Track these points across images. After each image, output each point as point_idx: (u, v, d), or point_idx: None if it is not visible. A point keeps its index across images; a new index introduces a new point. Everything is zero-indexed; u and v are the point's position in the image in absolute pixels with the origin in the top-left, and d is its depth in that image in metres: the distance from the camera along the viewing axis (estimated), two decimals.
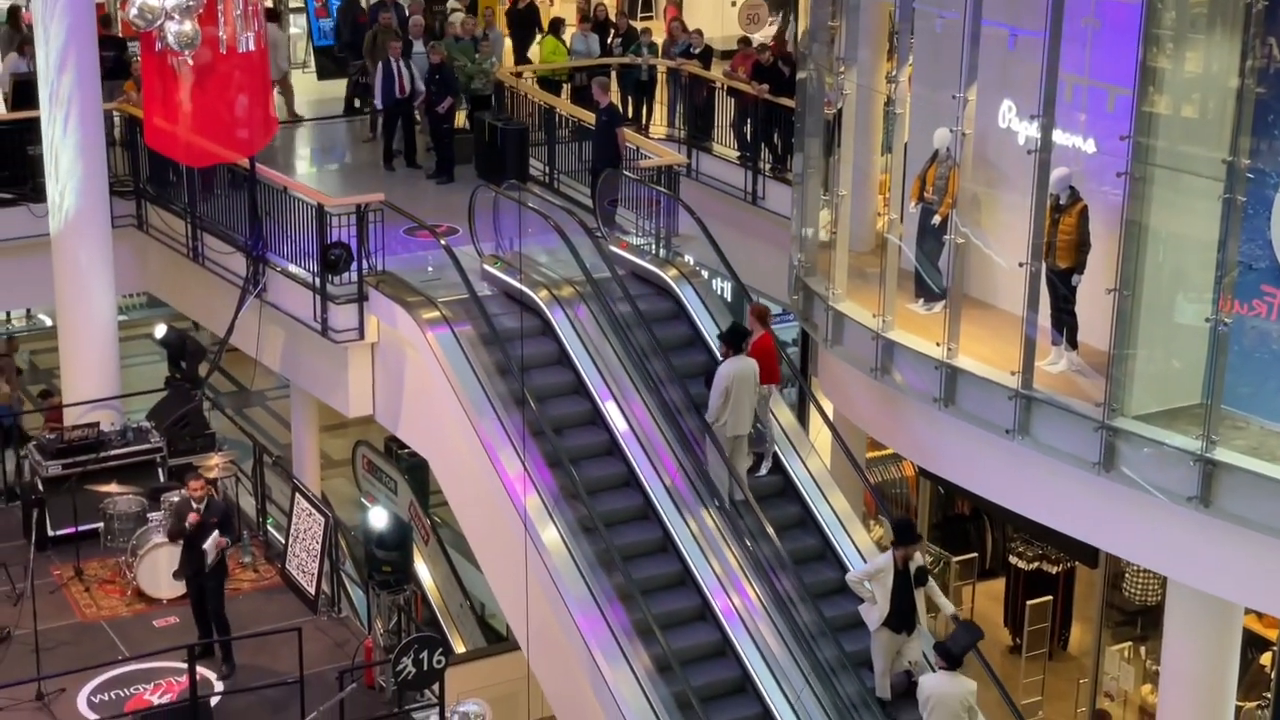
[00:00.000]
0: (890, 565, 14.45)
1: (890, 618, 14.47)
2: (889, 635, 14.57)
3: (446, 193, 20.50)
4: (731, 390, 15.52)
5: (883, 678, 14.73)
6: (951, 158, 15.52)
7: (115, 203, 19.22)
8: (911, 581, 14.46)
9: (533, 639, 15.74)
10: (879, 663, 14.70)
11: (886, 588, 14.41)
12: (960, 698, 13.70)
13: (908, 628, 14.59)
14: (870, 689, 14.74)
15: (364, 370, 17.48)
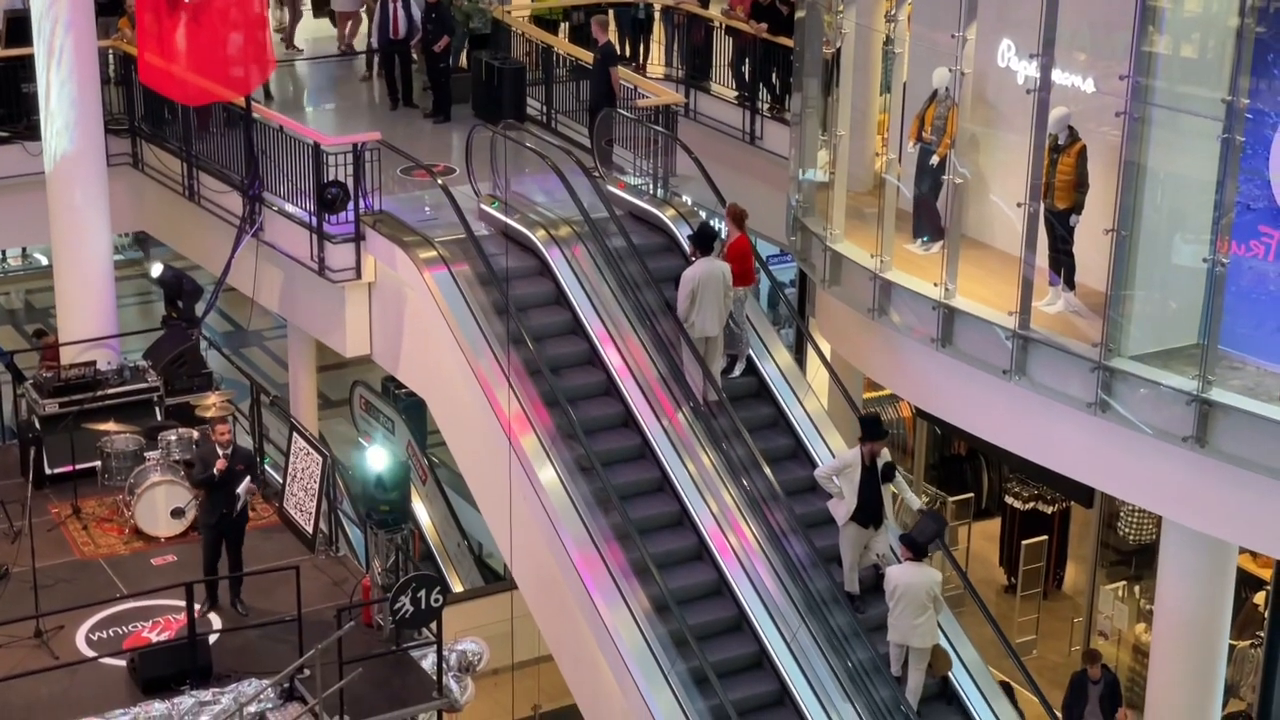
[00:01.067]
0: (857, 461, 14.66)
1: (857, 512, 14.69)
2: (856, 529, 14.78)
3: (443, 132, 20.42)
4: (697, 293, 15.62)
5: (851, 571, 14.98)
6: (950, 97, 15.47)
7: (110, 141, 19.15)
8: (878, 477, 14.69)
9: (530, 579, 15.82)
10: (847, 556, 14.95)
11: (854, 483, 14.64)
12: (926, 587, 14.06)
13: (875, 522, 14.80)
14: (839, 583, 14.96)
15: (361, 310, 17.46)
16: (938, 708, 14.81)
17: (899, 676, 14.49)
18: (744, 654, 14.67)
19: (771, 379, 16.41)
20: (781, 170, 18.42)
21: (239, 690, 13.53)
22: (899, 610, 14.17)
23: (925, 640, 14.28)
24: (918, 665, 14.37)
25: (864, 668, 14.58)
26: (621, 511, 14.91)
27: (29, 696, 13.43)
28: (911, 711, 14.35)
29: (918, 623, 14.15)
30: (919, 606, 14.10)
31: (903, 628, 14.23)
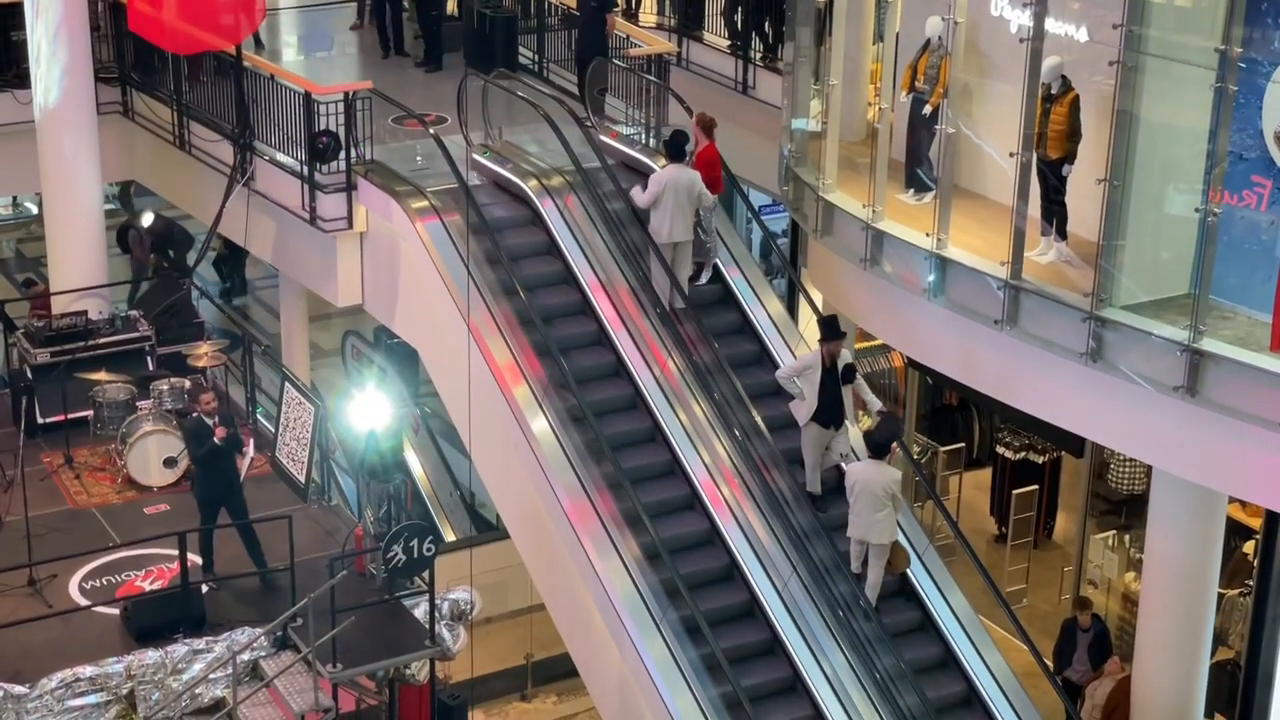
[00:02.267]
0: (818, 362, 14.90)
1: (818, 413, 14.89)
2: (817, 430, 14.98)
3: (435, 81, 20.33)
4: (663, 197, 15.73)
5: (813, 472, 15.19)
6: (943, 46, 15.41)
7: (100, 89, 19.06)
8: (839, 378, 14.86)
9: (522, 528, 15.86)
10: (809, 457, 15.15)
11: (814, 384, 14.85)
12: (883, 485, 14.32)
13: (835, 423, 15.00)
14: (801, 484, 15.15)
15: (353, 260, 17.43)
16: (896, 603, 15.02)
17: (859, 574, 14.76)
18: (735, 602, 14.73)
19: (762, 327, 16.45)
20: (774, 120, 18.35)
21: (232, 639, 13.60)
22: (858, 507, 14.43)
23: (882, 536, 14.52)
24: (876, 562, 14.63)
25: (825, 565, 14.81)
26: (613, 461, 14.94)
27: (23, 644, 13.49)
28: (870, 607, 14.62)
29: (876, 518, 14.38)
30: (876, 503, 14.33)
31: (861, 524, 14.49)
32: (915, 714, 14.28)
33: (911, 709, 14.31)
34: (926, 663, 14.81)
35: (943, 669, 14.88)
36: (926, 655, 14.84)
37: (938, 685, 14.66)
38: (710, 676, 14.09)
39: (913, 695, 14.34)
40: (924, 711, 14.25)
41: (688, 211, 15.90)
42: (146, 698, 13.31)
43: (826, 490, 15.20)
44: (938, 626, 14.99)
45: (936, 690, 14.56)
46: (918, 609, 15.08)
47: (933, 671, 14.80)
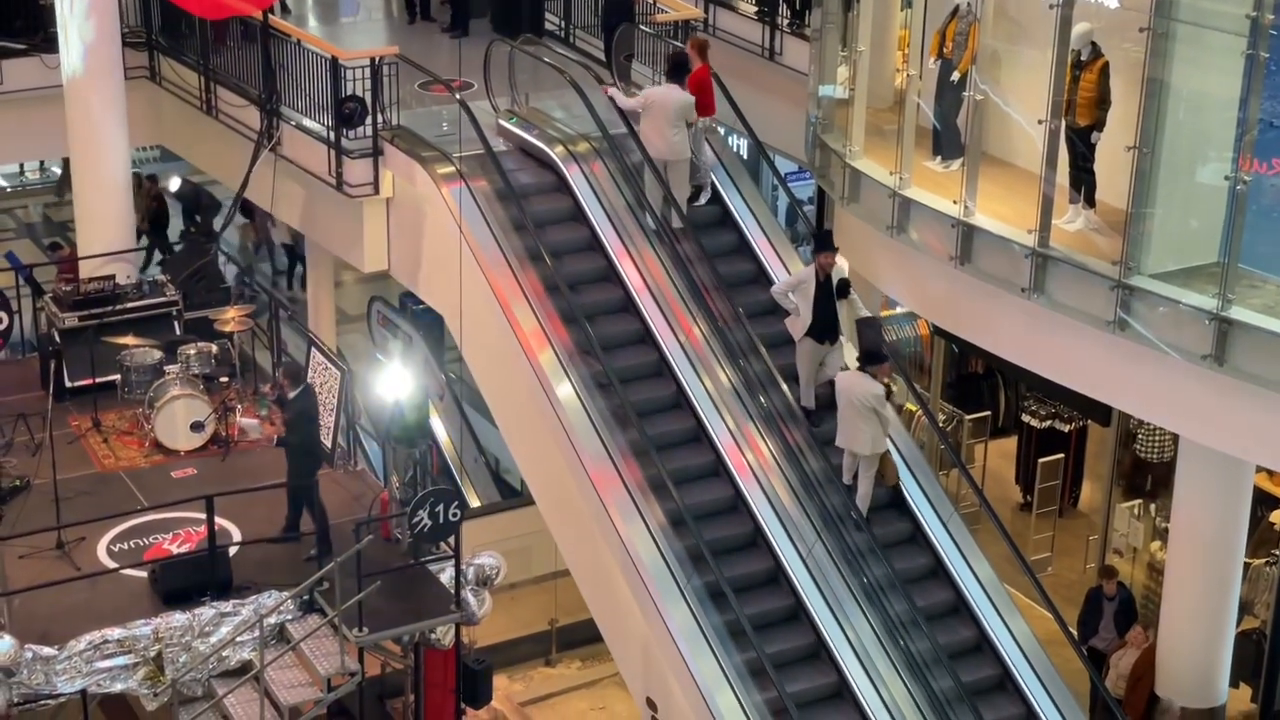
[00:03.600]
0: (812, 277, 15.09)
1: (812, 327, 15.10)
2: (812, 345, 15.18)
3: (462, 47, 20.29)
4: (650, 112, 16.05)
5: (807, 387, 15.40)
6: (972, 13, 15.33)
7: (128, 54, 19.06)
8: (833, 293, 15.04)
9: (547, 494, 15.89)
10: (803, 372, 15.35)
11: (808, 298, 15.07)
12: (863, 395, 14.51)
13: (830, 337, 15.18)
14: (796, 398, 15.36)
15: (379, 225, 17.45)
16: (888, 516, 15.18)
17: (850, 485, 14.92)
18: (759, 569, 14.75)
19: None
20: (801, 86, 18.29)
21: (259, 602, 13.66)
22: (843, 416, 14.68)
23: (866, 447, 14.67)
24: (866, 473, 14.83)
25: (817, 477, 15.04)
26: (638, 427, 14.95)
27: (52, 607, 13.56)
28: (860, 518, 14.78)
29: (859, 428, 14.58)
30: (858, 413, 14.52)
31: (846, 432, 14.73)
32: (940, 682, 14.28)
33: (926, 661, 14.31)
34: (950, 628, 14.80)
35: (968, 637, 14.87)
36: (954, 628, 14.83)
37: (963, 655, 14.66)
38: (734, 643, 14.12)
39: (932, 654, 14.33)
40: (948, 673, 14.26)
41: (670, 128, 16.00)
42: (174, 660, 13.39)
43: (820, 405, 15.33)
44: (963, 595, 14.98)
45: (963, 664, 14.55)
46: (909, 522, 15.25)
47: (956, 635, 14.79)
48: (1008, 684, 14.65)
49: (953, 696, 14.21)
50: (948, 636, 14.67)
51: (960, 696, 14.20)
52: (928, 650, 14.40)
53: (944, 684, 14.27)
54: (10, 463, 15.45)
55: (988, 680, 14.65)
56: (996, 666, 14.71)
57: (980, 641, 14.82)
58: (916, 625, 14.48)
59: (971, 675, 14.52)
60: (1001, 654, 14.72)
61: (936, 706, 14.17)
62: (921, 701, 14.20)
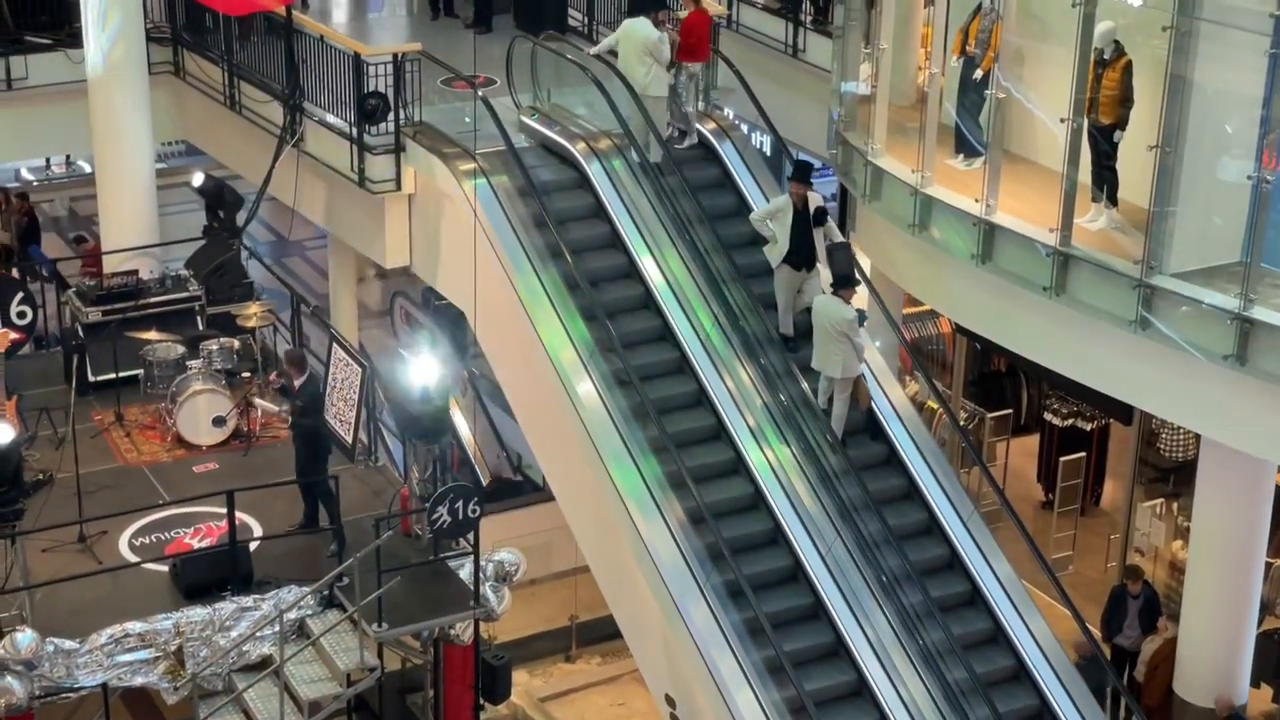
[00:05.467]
0: (789, 205, 15.30)
1: (789, 255, 15.33)
2: (789, 272, 15.44)
3: (484, 43, 20.29)
4: (618, 42, 16.66)
5: (785, 314, 15.63)
6: (995, 10, 15.30)
7: (152, 49, 19.14)
8: (810, 221, 15.24)
9: (567, 491, 15.90)
10: (781, 299, 15.60)
11: (785, 226, 15.28)
12: (835, 320, 14.77)
13: (807, 265, 15.42)
14: (775, 325, 15.64)
15: (401, 221, 17.48)
16: (863, 440, 15.44)
17: (826, 409, 15.16)
18: (779, 567, 14.73)
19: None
20: (824, 83, 18.27)
21: (279, 597, 13.72)
22: (816, 338, 14.98)
23: (837, 370, 14.94)
24: (840, 395, 15.09)
25: (795, 402, 15.33)
26: (658, 425, 14.94)
27: (74, 600, 13.65)
28: (836, 440, 15.01)
29: (829, 350, 14.85)
30: (830, 337, 14.79)
31: (820, 355, 15.01)
32: (957, 677, 14.26)
33: (940, 651, 14.28)
34: (968, 625, 14.78)
35: (986, 634, 14.85)
36: (972, 625, 14.82)
37: (982, 651, 14.64)
38: (753, 640, 14.12)
39: (947, 647, 14.32)
40: (965, 670, 14.23)
41: (644, 64, 16.41)
42: (194, 654, 13.44)
43: (800, 334, 15.53)
44: (982, 592, 14.95)
45: (980, 659, 14.53)
46: (885, 446, 15.46)
47: (975, 635, 14.77)
48: (1027, 682, 14.61)
49: (969, 689, 14.18)
50: (965, 630, 14.62)
51: (975, 689, 14.16)
52: (944, 645, 14.36)
53: (959, 675, 14.23)
54: (34, 456, 15.53)
55: (1007, 677, 14.61)
56: (1015, 664, 14.67)
57: (997, 635, 14.78)
58: (934, 621, 14.45)
59: (987, 668, 14.48)
60: (1021, 651, 14.68)
61: (954, 703, 14.14)
62: (939, 697, 14.18)
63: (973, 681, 14.18)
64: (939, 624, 14.42)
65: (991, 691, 14.19)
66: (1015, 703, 14.39)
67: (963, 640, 14.44)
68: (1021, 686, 14.56)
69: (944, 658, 14.31)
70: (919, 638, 14.39)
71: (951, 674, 14.24)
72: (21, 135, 20.11)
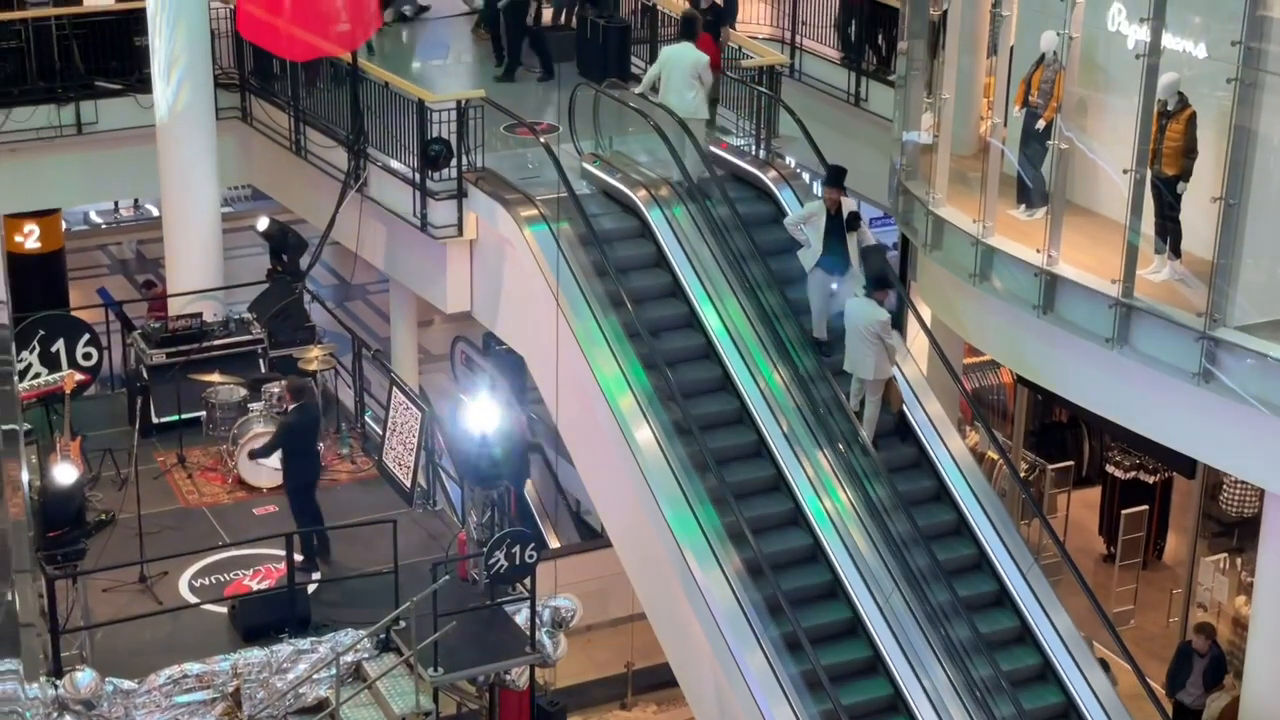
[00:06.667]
0: (822, 209, 15.54)
1: (823, 259, 15.54)
2: (822, 276, 15.64)
3: (548, 90, 20.44)
4: (663, 70, 16.94)
5: (818, 318, 15.82)
6: (1058, 61, 15.27)
7: (220, 95, 19.37)
8: (843, 225, 15.46)
9: (624, 537, 15.89)
10: (814, 303, 15.80)
11: (819, 230, 15.52)
12: (867, 321, 14.89)
13: (840, 269, 15.63)
14: (807, 329, 15.83)
15: (462, 266, 17.57)
16: (893, 442, 15.50)
17: (858, 411, 15.34)
18: (838, 620, 14.63)
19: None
20: (885, 132, 18.27)
21: (336, 640, 13.75)
22: (849, 341, 15.11)
23: (869, 372, 15.06)
24: (871, 398, 15.22)
25: (828, 405, 15.45)
26: (717, 475, 14.87)
27: (134, 640, 13.74)
28: (867, 442, 15.05)
29: (862, 353, 14.97)
30: (861, 338, 14.92)
31: (852, 358, 15.16)
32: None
33: (992, 691, 14.15)
34: (1029, 679, 14.64)
35: (1043, 684, 14.70)
36: (1028, 669, 14.68)
37: (1039, 702, 14.50)
38: (810, 693, 14.01)
39: (1011, 706, 14.18)
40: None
41: (692, 88, 16.80)
42: (251, 696, 13.49)
43: (834, 338, 15.64)
44: (1040, 644, 14.81)
45: (1037, 712, 14.38)
46: (915, 448, 15.58)
47: (1034, 686, 14.63)
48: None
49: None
50: (1027, 695, 14.48)
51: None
52: (993, 682, 14.23)
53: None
54: (96, 497, 15.67)
55: None
56: (1071, 714, 14.50)
57: (1057, 690, 14.62)
58: (992, 677, 14.32)
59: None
60: (1078, 704, 14.52)
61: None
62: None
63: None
64: (991, 664, 14.32)
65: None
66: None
67: (1014, 681, 14.29)
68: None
69: (999, 705, 14.17)
70: (975, 688, 14.25)
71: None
72: (91, 179, 20.38)
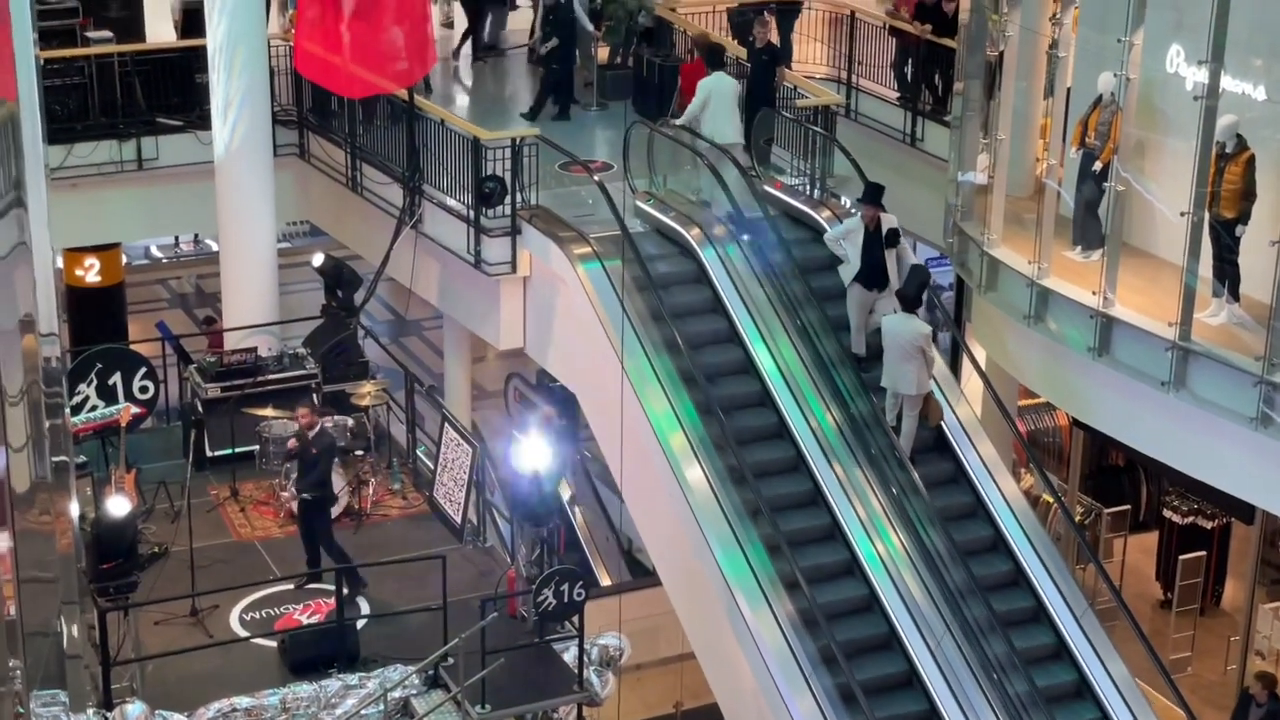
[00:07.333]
0: (860, 225, 15.71)
1: (861, 274, 15.69)
2: (861, 291, 15.77)
3: (603, 128, 20.49)
4: (709, 100, 17.13)
5: (858, 334, 15.94)
6: (1115, 102, 15.19)
7: (279, 131, 19.53)
8: (882, 242, 15.57)
9: (675, 577, 15.82)
10: (854, 318, 15.92)
11: (857, 246, 15.72)
12: (911, 337, 14.96)
13: (879, 285, 15.71)
14: (847, 345, 15.93)
15: (515, 303, 17.61)
16: (930, 457, 15.44)
17: (895, 425, 15.30)
18: (893, 671, 14.45)
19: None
20: (941, 173, 18.22)
21: (384, 676, 13.74)
22: (889, 357, 15.11)
23: (910, 387, 15.06)
24: (910, 413, 15.21)
25: (865, 420, 15.46)
26: (772, 523, 14.70)
27: (184, 672, 13.78)
28: (905, 457, 15.00)
29: (904, 369, 14.97)
30: (904, 353, 14.95)
31: (892, 374, 15.15)
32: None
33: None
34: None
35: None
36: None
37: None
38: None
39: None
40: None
41: (733, 113, 17.15)
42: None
43: (872, 354, 15.64)
44: (1095, 692, 14.64)
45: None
46: (951, 463, 15.49)
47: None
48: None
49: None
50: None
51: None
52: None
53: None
54: (150, 529, 15.75)
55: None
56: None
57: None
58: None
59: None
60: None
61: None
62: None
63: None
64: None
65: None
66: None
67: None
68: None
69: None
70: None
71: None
72: (151, 214, 20.56)
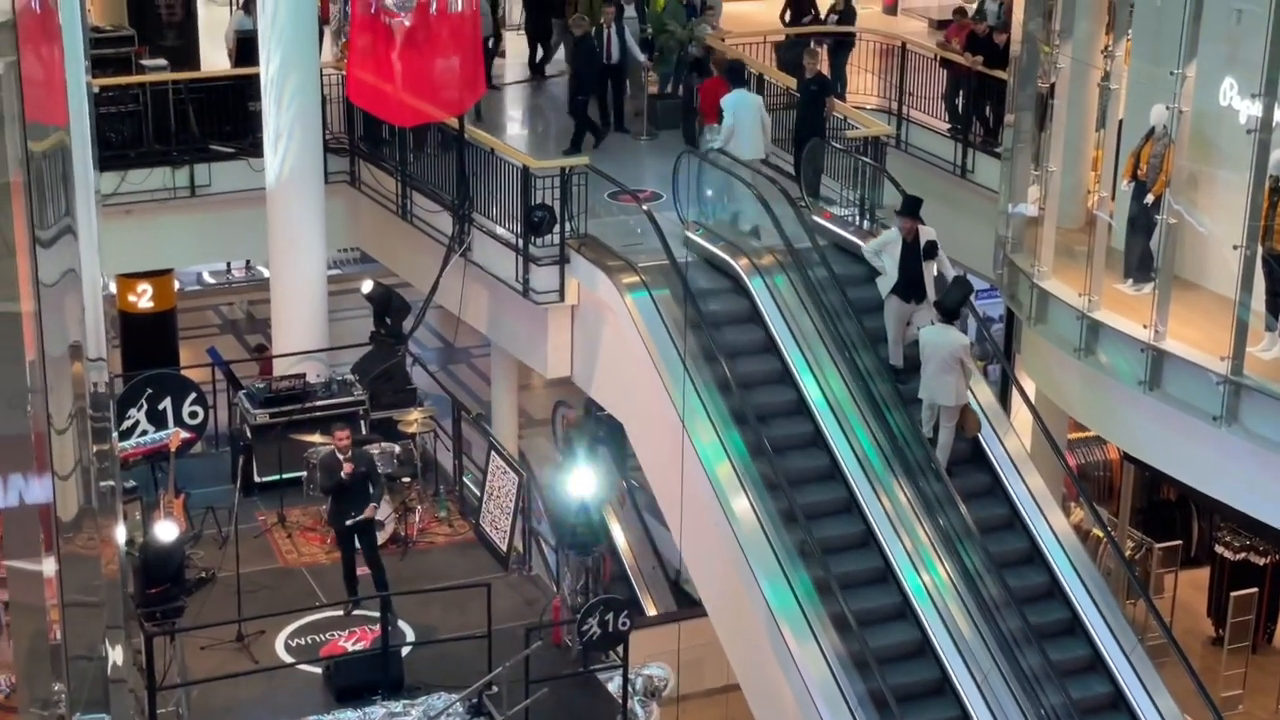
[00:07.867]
0: (898, 237, 15.74)
1: (898, 286, 15.71)
2: (898, 303, 15.81)
3: (652, 157, 20.51)
4: (736, 118, 17.40)
5: (895, 345, 15.96)
6: (1167, 135, 15.09)
7: (330, 159, 19.64)
8: (920, 254, 15.60)
9: (720, 607, 15.76)
10: (891, 330, 15.96)
11: (895, 258, 15.75)
12: (950, 349, 14.98)
13: (916, 297, 15.74)
14: (884, 358, 15.91)
15: (563, 332, 17.62)
16: (967, 470, 15.40)
17: (931, 437, 15.25)
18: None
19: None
20: (991, 204, 18.15)
21: (428, 703, 13.74)
22: (927, 369, 15.07)
23: (949, 399, 15.06)
24: (947, 424, 15.18)
25: (902, 433, 15.38)
26: (823, 565, 14.57)
27: (229, 698, 13.82)
28: (940, 468, 14.95)
29: (943, 381, 14.97)
30: (943, 365, 14.93)
31: (930, 386, 15.12)
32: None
33: None
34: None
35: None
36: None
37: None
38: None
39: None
40: None
41: (758, 130, 17.49)
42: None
43: (910, 366, 15.64)
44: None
45: None
46: (988, 475, 15.40)
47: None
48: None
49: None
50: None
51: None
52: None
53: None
54: (197, 554, 15.82)
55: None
56: None
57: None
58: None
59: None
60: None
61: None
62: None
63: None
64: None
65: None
66: None
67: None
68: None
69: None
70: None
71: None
72: (204, 240, 20.71)
